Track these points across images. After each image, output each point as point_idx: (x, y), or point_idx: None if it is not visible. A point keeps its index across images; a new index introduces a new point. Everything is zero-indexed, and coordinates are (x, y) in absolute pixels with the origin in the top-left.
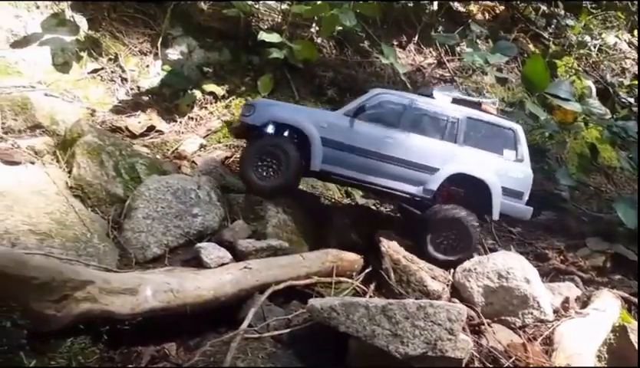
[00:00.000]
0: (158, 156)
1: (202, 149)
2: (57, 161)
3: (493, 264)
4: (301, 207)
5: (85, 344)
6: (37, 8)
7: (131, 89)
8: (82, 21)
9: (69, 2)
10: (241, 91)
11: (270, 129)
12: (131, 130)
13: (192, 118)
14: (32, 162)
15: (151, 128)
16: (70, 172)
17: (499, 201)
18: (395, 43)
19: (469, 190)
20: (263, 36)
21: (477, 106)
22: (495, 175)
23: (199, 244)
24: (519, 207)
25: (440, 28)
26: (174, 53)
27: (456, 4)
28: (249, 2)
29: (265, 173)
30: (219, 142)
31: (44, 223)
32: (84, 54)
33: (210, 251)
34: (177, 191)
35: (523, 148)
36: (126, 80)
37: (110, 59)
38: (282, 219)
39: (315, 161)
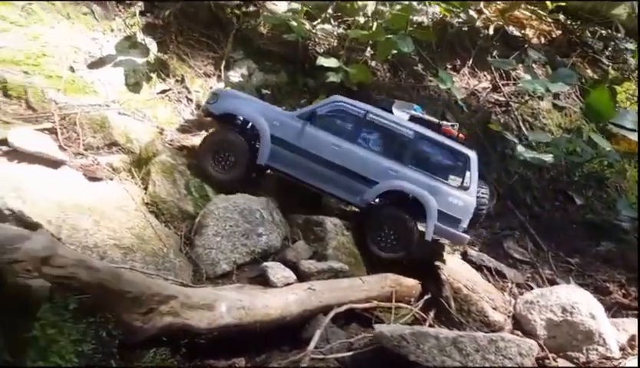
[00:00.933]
0: None
1: None
2: (133, 178)
3: (557, 297)
4: (357, 229)
5: (165, 356)
6: (112, 31)
7: (196, 109)
8: (152, 44)
9: (141, 26)
10: None
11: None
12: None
13: None
14: (111, 179)
15: None
16: (145, 188)
17: (433, 223)
18: (449, 66)
19: (407, 208)
20: (322, 61)
21: (437, 127)
22: (432, 198)
23: (265, 264)
24: (454, 233)
25: (495, 52)
26: (235, 75)
27: (511, 27)
28: (307, 27)
29: (221, 166)
30: None
31: (126, 238)
32: (153, 75)
33: (276, 270)
34: (244, 210)
35: (472, 176)
36: (191, 100)
37: (177, 80)
38: (341, 241)
39: (262, 155)
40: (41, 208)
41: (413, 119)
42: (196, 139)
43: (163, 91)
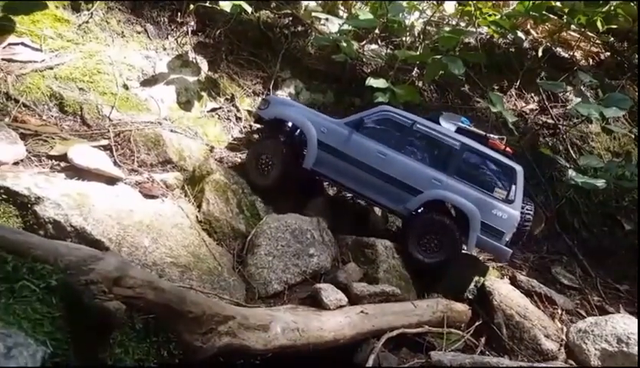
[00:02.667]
0: None
1: None
2: (186, 195)
3: (612, 327)
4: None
5: None
6: (165, 49)
7: (244, 127)
8: (203, 63)
9: (192, 45)
10: None
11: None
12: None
13: None
14: (165, 196)
15: None
16: (199, 206)
17: (476, 234)
18: (496, 87)
19: (451, 218)
20: (371, 82)
21: (484, 139)
22: (476, 209)
23: (318, 285)
24: (497, 246)
25: (543, 74)
26: (283, 94)
27: (559, 49)
28: (356, 48)
29: (261, 172)
30: None
31: (182, 256)
32: (204, 94)
33: (330, 292)
34: (295, 230)
35: (518, 190)
36: (240, 119)
37: (226, 99)
38: (391, 264)
39: (308, 160)
40: (103, 226)
41: (460, 130)
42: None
43: (213, 109)
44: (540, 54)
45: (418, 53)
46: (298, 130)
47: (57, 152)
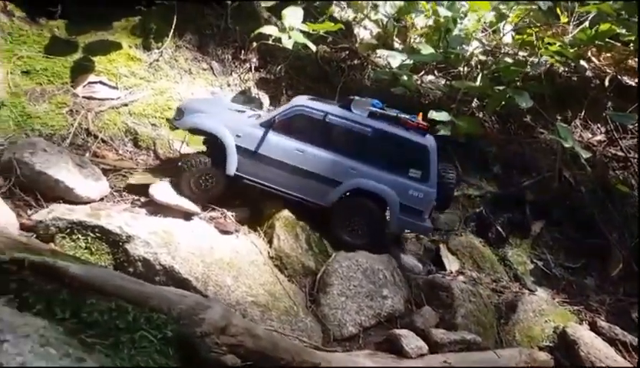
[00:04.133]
0: None
1: None
2: (256, 231)
3: None
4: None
5: None
6: (229, 85)
7: None
8: (265, 98)
9: (255, 81)
10: None
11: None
12: None
13: None
14: (238, 231)
15: None
16: (269, 242)
17: (396, 216)
18: (559, 117)
19: (370, 203)
20: (433, 115)
21: (396, 120)
22: (393, 192)
23: (397, 331)
24: (418, 224)
25: (610, 104)
26: None
27: (625, 77)
28: (416, 80)
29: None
30: None
31: (261, 295)
32: None
33: (410, 339)
34: (366, 270)
35: (432, 168)
36: None
37: None
38: (469, 309)
39: (229, 167)
40: (189, 265)
41: (372, 115)
42: None
43: None
44: (607, 83)
45: (478, 83)
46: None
47: (136, 181)
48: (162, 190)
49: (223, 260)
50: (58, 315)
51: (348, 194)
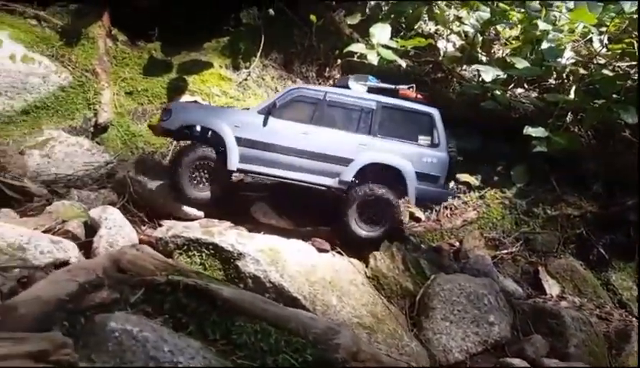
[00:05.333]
0: (423, 245)
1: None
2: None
3: None
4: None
5: None
6: None
7: None
8: None
9: None
10: (494, 181)
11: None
12: None
13: (446, 207)
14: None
15: (411, 216)
16: (365, 262)
17: (414, 186)
18: None
19: (387, 177)
20: (529, 131)
21: (395, 92)
22: (408, 162)
23: (509, 359)
24: (436, 191)
25: None
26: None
27: None
28: (506, 93)
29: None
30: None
31: (365, 316)
32: None
33: None
34: (470, 295)
35: (439, 132)
36: None
37: None
38: (581, 338)
39: (231, 161)
40: (297, 283)
41: (370, 90)
42: None
43: None
44: None
45: (572, 96)
46: (210, 132)
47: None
48: (262, 209)
49: (325, 278)
50: (210, 336)
51: (359, 177)
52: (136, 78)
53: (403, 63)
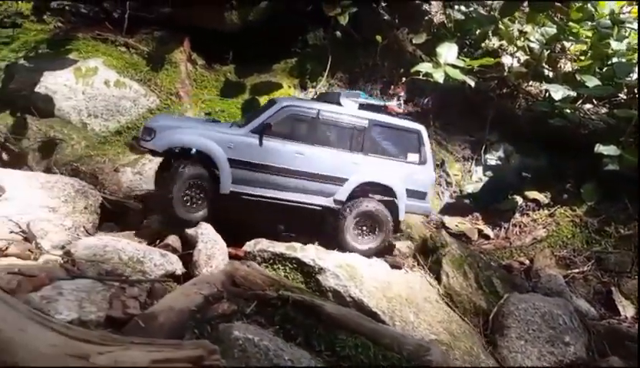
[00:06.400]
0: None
1: None
2: (418, 264)
3: None
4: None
5: None
6: None
7: (454, 192)
8: None
9: (404, 112)
10: (564, 199)
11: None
12: (469, 236)
13: (515, 225)
14: (406, 266)
15: (479, 233)
16: (437, 278)
17: (404, 203)
18: None
19: (376, 191)
20: (600, 149)
21: (383, 109)
22: (399, 181)
23: None
24: (423, 206)
25: None
26: (492, 158)
27: None
28: (576, 111)
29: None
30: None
31: (441, 333)
32: None
33: None
34: (545, 314)
35: (426, 150)
36: (450, 184)
37: (436, 165)
38: None
39: (224, 184)
40: (375, 299)
41: (361, 106)
42: (454, 221)
43: None
44: None
45: None
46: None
47: None
48: None
49: (401, 295)
50: (316, 348)
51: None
52: (214, 99)
53: (472, 82)
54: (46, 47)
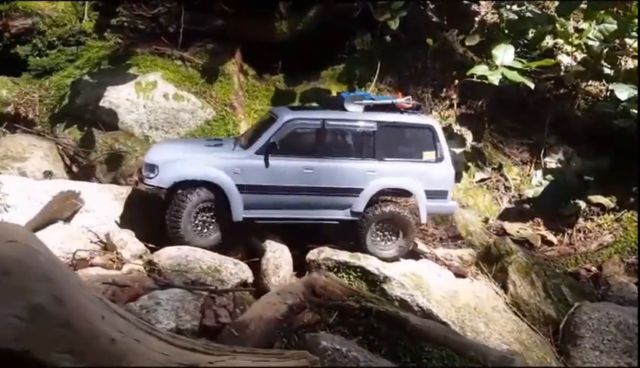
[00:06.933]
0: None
1: None
2: (482, 272)
3: None
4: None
5: None
6: None
7: (513, 197)
8: (467, 134)
9: (456, 117)
10: (630, 203)
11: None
12: (532, 243)
13: (579, 230)
14: (471, 275)
15: (543, 239)
16: (503, 287)
17: (425, 205)
18: None
19: (394, 194)
20: None
21: (392, 107)
22: (417, 182)
23: None
24: (445, 205)
25: None
26: (551, 161)
27: None
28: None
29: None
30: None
31: (513, 343)
32: (471, 165)
33: None
34: (620, 324)
35: (442, 145)
36: (509, 188)
37: (493, 169)
38: None
39: (236, 211)
40: (443, 308)
41: (367, 108)
42: (514, 227)
43: (482, 180)
44: None
45: None
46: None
47: None
48: None
49: (469, 305)
50: (402, 359)
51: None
52: (266, 109)
53: (531, 84)
54: (107, 63)
